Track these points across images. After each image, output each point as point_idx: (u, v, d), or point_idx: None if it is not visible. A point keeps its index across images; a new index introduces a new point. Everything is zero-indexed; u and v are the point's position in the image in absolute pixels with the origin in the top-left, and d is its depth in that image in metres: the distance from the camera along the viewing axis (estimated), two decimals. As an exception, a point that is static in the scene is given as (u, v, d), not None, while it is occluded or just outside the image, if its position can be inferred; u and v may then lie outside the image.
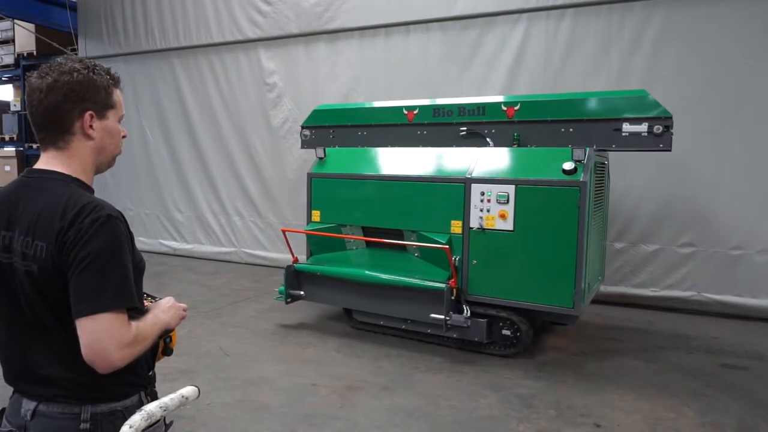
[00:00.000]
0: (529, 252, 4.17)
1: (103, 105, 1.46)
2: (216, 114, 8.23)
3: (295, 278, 5.04)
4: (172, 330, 1.62)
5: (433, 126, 5.05)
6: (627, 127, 4.24)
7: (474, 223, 4.34)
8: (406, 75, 6.83)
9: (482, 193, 4.31)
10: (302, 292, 5.03)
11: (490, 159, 4.45)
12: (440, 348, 4.62)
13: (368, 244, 4.85)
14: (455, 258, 4.37)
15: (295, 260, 5.11)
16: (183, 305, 1.64)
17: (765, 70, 5.21)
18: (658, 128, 4.13)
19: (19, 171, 8.12)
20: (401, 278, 4.45)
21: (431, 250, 4.44)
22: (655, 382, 3.96)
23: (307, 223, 5.20)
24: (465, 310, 4.31)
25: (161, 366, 1.68)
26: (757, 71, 5.23)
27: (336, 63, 7.27)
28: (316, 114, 5.73)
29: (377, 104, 5.50)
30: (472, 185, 4.36)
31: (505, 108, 4.71)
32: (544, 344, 4.75)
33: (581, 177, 3.97)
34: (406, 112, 5.17)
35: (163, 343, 1.64)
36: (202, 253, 8.53)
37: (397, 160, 4.85)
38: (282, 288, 5.04)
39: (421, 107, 5.11)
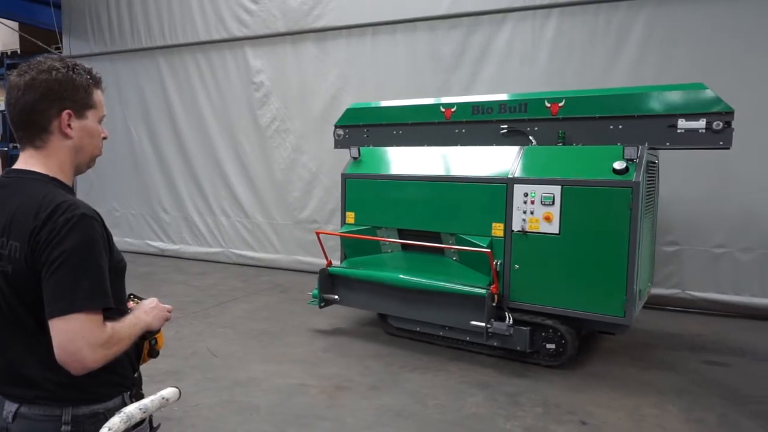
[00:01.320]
0: (576, 257, 3.93)
1: (82, 104, 1.45)
2: (202, 113, 8.18)
3: (329, 282, 4.92)
4: (156, 332, 1.61)
5: (472, 124, 4.78)
6: (683, 124, 3.93)
7: (516, 226, 4.12)
8: (394, 74, 6.84)
9: (525, 195, 4.09)
10: (336, 296, 4.90)
11: (534, 158, 4.22)
12: (428, 347, 4.63)
13: (404, 247, 4.69)
14: (496, 262, 4.15)
15: (329, 263, 4.97)
16: (167, 306, 1.64)
17: (745, 67, 5.28)
18: (717, 124, 3.81)
19: (3, 170, 8.02)
20: (439, 283, 4.27)
21: (470, 254, 4.23)
22: (640, 380, 4.00)
23: (341, 225, 5.11)
24: (507, 318, 4.07)
25: (147, 367, 1.67)
26: (744, 68, 5.28)
27: (324, 62, 7.26)
28: (350, 113, 5.53)
29: (413, 102, 5.27)
30: (515, 186, 4.14)
31: (548, 104, 4.42)
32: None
33: (634, 177, 3.73)
34: (443, 109, 4.91)
35: (148, 345, 1.63)
36: (190, 254, 8.48)
37: (434, 160, 4.67)
38: (315, 292, 4.92)
39: (459, 105, 4.86)
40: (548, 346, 4.10)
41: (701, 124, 3.87)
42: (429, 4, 6.53)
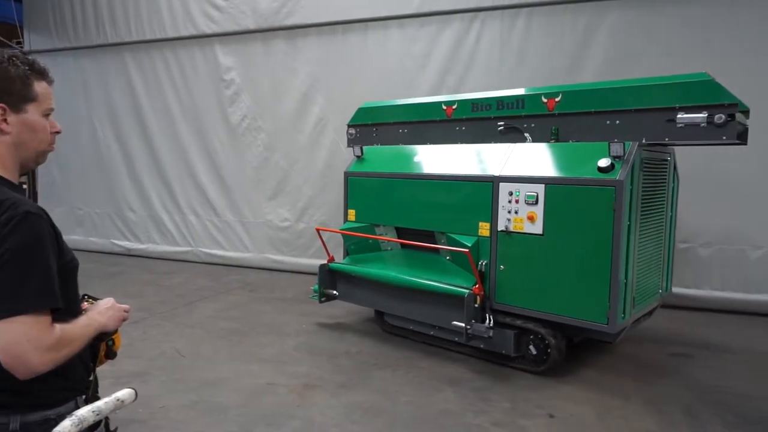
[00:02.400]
0: (559, 258, 3.78)
1: (19, 98, 1.39)
2: (171, 110, 8.04)
3: (330, 278, 4.97)
4: (112, 332, 1.57)
5: (472, 121, 4.68)
6: (683, 117, 3.60)
7: (501, 225, 4.02)
8: (365, 72, 6.84)
9: (510, 193, 3.98)
10: (335, 292, 4.97)
11: (522, 156, 4.10)
12: (399, 344, 4.66)
13: (403, 245, 4.73)
14: (482, 263, 4.08)
15: (331, 259, 5.02)
16: (124, 306, 1.58)
17: (707, 65, 5.41)
18: (720, 117, 3.46)
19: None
20: (424, 281, 4.25)
21: (459, 254, 4.14)
22: (606, 373, 4.08)
23: (344, 222, 5.16)
24: (488, 319, 3.96)
25: (112, 370, 1.63)
26: (705, 66, 5.41)
27: (295, 60, 7.21)
28: (361, 112, 5.51)
29: (417, 100, 5.24)
30: (500, 184, 4.04)
31: (545, 99, 4.23)
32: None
33: (618, 175, 3.53)
34: (444, 107, 4.82)
35: (105, 346, 1.59)
36: (158, 253, 8.32)
37: (429, 158, 4.63)
38: (316, 287, 4.98)
39: (460, 102, 4.75)
40: (532, 350, 3.99)
41: (702, 117, 3.53)
42: (399, 2, 6.55)
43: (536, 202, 3.86)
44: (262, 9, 7.23)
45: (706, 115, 3.52)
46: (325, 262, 5.00)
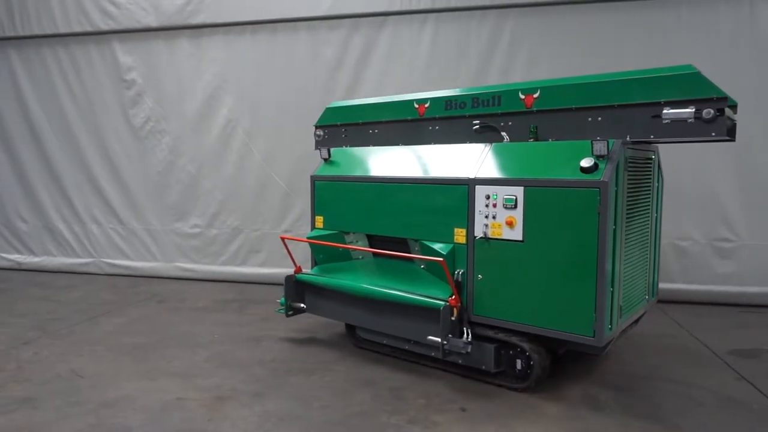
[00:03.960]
0: (541, 266, 3.52)
1: None
2: (65, 113, 7.48)
3: (297, 290, 4.69)
4: None
5: (446, 120, 4.40)
6: (668, 112, 3.39)
7: (478, 232, 3.75)
8: (274, 74, 6.73)
9: (487, 197, 3.71)
10: (303, 305, 4.70)
11: (500, 156, 3.84)
12: (313, 349, 4.61)
13: (375, 253, 4.49)
14: (458, 272, 3.84)
15: (298, 270, 4.73)
16: None
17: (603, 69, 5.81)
18: (708, 112, 3.26)
19: None
20: (395, 293, 3.99)
21: (433, 262, 3.86)
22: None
23: (311, 230, 4.85)
24: (466, 334, 3.75)
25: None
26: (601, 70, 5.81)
27: (201, 60, 6.95)
28: (329, 112, 5.19)
29: (387, 99, 4.90)
30: (476, 187, 3.77)
31: (523, 96, 3.97)
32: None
33: (602, 176, 3.30)
34: (416, 105, 4.53)
35: None
36: (55, 266, 7.72)
37: (400, 160, 4.36)
38: (283, 300, 4.69)
39: (433, 99, 4.47)
40: (514, 366, 3.75)
41: (690, 112, 3.32)
42: (309, 4, 6.50)
43: (515, 206, 3.60)
44: (164, 6, 6.90)
45: (694, 110, 3.31)
46: (292, 272, 4.72)
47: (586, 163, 3.36)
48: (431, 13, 6.24)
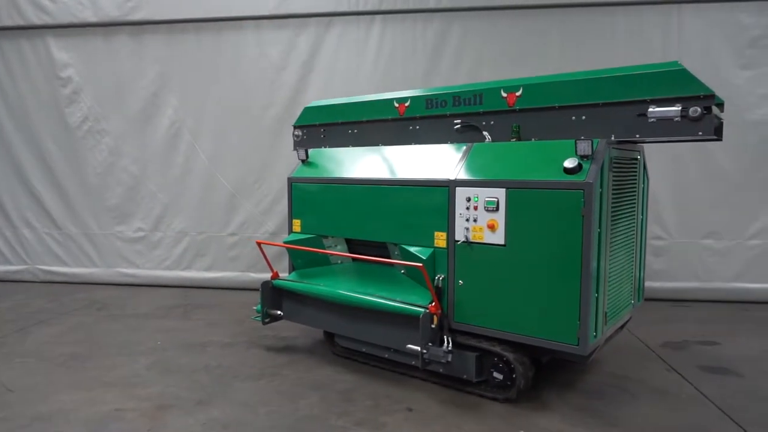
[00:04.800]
0: (523, 272, 3.37)
1: None
2: (-6, 111, 7.07)
3: (274, 296, 4.52)
4: None
5: (427, 119, 4.25)
6: (654, 111, 3.26)
7: (459, 235, 3.59)
8: (220, 74, 6.60)
9: (468, 199, 3.55)
10: (280, 312, 4.53)
11: (481, 156, 3.69)
12: (262, 353, 4.54)
13: (353, 258, 4.40)
14: (438, 277, 3.69)
15: (275, 275, 4.53)
16: None
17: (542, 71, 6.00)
18: (695, 110, 3.12)
19: None
20: (373, 299, 3.83)
21: (413, 268, 3.71)
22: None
23: (288, 233, 4.68)
24: (446, 342, 3.60)
25: None
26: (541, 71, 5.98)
27: (142, 58, 6.72)
28: (307, 112, 5.01)
29: (367, 98, 4.73)
30: (457, 189, 3.61)
31: (505, 94, 3.82)
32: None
33: (586, 177, 3.15)
34: (396, 104, 4.38)
35: None
36: (-17, 274, 7.29)
37: (379, 161, 4.21)
38: (259, 307, 4.52)
39: (413, 98, 4.31)
40: (496, 375, 3.58)
41: (676, 110, 3.20)
42: (255, 3, 6.40)
43: (497, 209, 3.44)
44: (103, 2, 6.64)
45: (680, 108, 3.18)
46: (269, 278, 4.55)
47: (569, 163, 3.21)
48: (378, 14, 6.27)
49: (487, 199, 3.49)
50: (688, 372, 4.08)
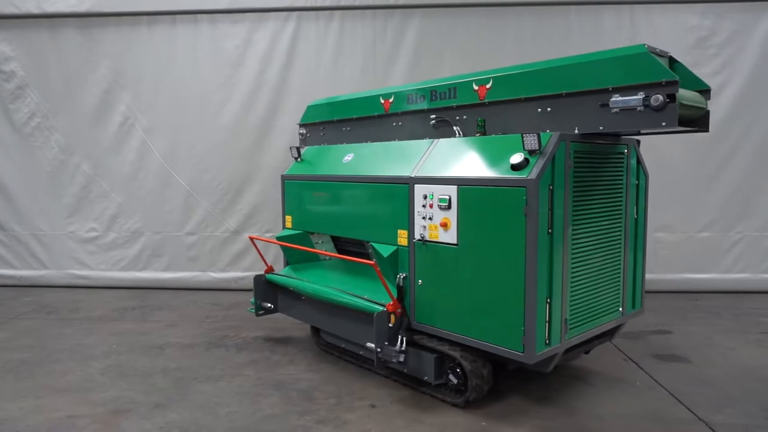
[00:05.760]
0: (474, 273, 3.22)
1: None
2: (-69, 106, 6.69)
3: (267, 290, 4.61)
4: None
5: (408, 115, 4.18)
6: (617, 100, 2.96)
7: (417, 234, 3.50)
8: (176, 69, 6.43)
9: (425, 197, 3.44)
10: (270, 305, 4.62)
11: (441, 153, 3.56)
12: (223, 353, 4.45)
13: (340, 253, 4.41)
14: (400, 276, 3.62)
15: (269, 269, 4.63)
16: None
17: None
18: (656, 99, 2.80)
19: None
20: (341, 295, 3.87)
21: (383, 265, 3.66)
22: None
23: (282, 229, 4.77)
24: (399, 341, 3.49)
25: None
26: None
27: (92, 51, 6.48)
28: (311, 110, 5.06)
29: (359, 95, 4.71)
30: (416, 186, 3.51)
31: (476, 87, 3.64)
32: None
33: (529, 173, 2.94)
34: (382, 101, 4.32)
35: None
36: None
37: (357, 158, 4.19)
38: (254, 299, 4.61)
39: (396, 94, 4.24)
40: (451, 379, 3.45)
41: (638, 99, 2.87)
42: (210, -4, 6.26)
43: (449, 207, 3.30)
44: (46, -8, 6.37)
45: (643, 96, 2.86)
46: (262, 272, 4.66)
47: (515, 159, 3.00)
48: (337, 10, 6.22)
49: (440, 196, 3.36)
50: (643, 361, 4.22)
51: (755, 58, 5.97)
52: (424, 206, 3.47)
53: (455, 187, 3.29)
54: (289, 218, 4.74)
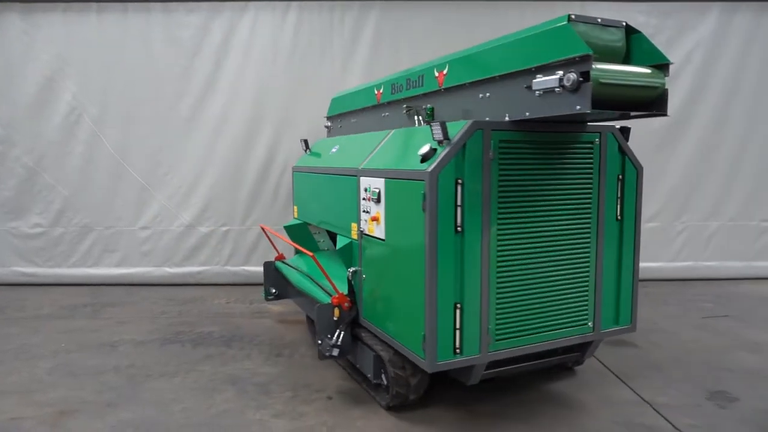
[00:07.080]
0: (396, 270, 3.07)
1: None
2: None
3: (275, 276, 4.94)
4: None
5: (392, 104, 4.08)
6: (538, 81, 2.59)
7: (362, 226, 3.42)
8: (125, 59, 6.21)
9: (366, 189, 3.34)
10: (274, 290, 4.94)
11: (388, 144, 3.46)
12: (178, 349, 4.37)
13: (333, 243, 4.47)
14: (350, 270, 3.56)
15: (280, 257, 5.01)
16: None
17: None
18: (568, 78, 2.42)
19: None
20: (305, 285, 4.17)
21: (345, 255, 3.69)
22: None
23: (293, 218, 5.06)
24: (336, 335, 3.46)
25: None
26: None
27: (34, 39, 6.19)
28: (334, 103, 5.24)
29: (362, 86, 4.68)
30: (361, 179, 3.43)
31: (437, 73, 3.42)
32: (283, 334, 4.86)
33: (428, 166, 2.71)
34: (376, 91, 4.28)
35: None
36: None
37: (340, 150, 4.23)
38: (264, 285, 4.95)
39: (384, 84, 4.13)
40: (383, 380, 3.32)
41: (555, 79, 2.48)
42: (164, -17, 6.08)
43: (379, 200, 3.17)
44: (-15, -26, 6.06)
45: (559, 76, 2.47)
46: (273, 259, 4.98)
47: (422, 150, 2.77)
48: (294, 1, 6.14)
49: (373, 189, 3.23)
50: (604, 357, 4.35)
51: (702, 55, 6.23)
52: (365, 199, 3.38)
53: (383, 179, 3.15)
54: (295, 208, 5.03)
